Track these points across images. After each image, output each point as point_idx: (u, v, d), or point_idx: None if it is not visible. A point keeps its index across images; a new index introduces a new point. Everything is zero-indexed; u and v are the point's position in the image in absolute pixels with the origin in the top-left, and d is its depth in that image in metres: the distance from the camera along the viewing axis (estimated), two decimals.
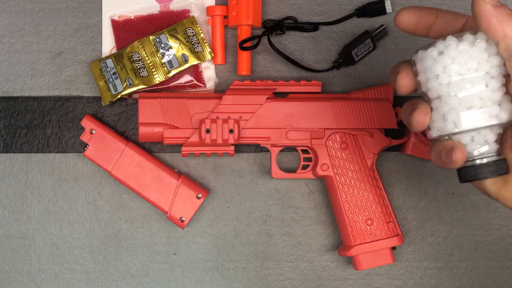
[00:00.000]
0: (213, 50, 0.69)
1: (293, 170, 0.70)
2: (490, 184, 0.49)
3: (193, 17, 0.68)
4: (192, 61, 0.67)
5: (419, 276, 0.70)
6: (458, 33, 0.48)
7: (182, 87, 0.69)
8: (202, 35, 0.68)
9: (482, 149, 0.48)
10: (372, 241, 0.65)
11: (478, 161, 0.48)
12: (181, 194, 0.67)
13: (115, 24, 0.69)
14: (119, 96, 0.67)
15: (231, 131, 0.65)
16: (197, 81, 0.68)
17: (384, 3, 0.69)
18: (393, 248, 0.66)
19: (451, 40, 0.47)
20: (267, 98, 0.66)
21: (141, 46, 0.67)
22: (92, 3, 0.70)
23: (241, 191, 0.69)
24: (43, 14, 0.70)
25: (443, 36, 0.48)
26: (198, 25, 0.68)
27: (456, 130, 0.47)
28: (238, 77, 0.70)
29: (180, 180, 0.67)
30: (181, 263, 0.69)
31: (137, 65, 0.67)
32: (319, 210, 0.69)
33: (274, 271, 0.69)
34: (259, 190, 0.69)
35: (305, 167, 0.69)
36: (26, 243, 0.69)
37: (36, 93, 0.69)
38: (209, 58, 0.68)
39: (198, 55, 0.67)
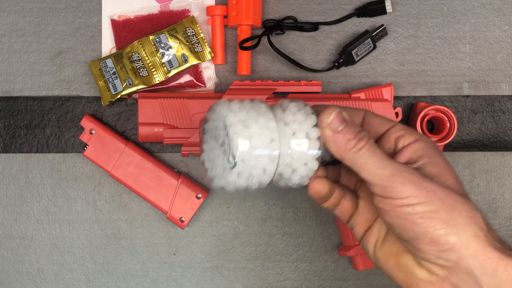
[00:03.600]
0: (213, 50, 0.69)
1: None
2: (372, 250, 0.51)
3: (193, 17, 0.68)
4: (192, 61, 0.67)
5: None
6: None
7: (182, 87, 0.68)
8: (202, 35, 0.68)
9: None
10: None
11: None
12: (181, 194, 0.67)
13: (115, 24, 0.69)
14: (118, 96, 0.67)
15: None
16: (197, 81, 0.68)
17: (384, 3, 0.69)
18: None
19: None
20: (267, 98, 0.66)
21: (140, 46, 0.67)
22: (91, 3, 0.70)
23: (241, 191, 0.69)
24: (42, 14, 0.70)
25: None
26: (198, 25, 0.68)
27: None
28: (238, 77, 0.70)
29: (180, 180, 0.67)
30: (181, 263, 0.69)
31: (136, 65, 0.67)
32: (319, 210, 0.69)
33: (274, 271, 0.69)
34: (259, 190, 0.69)
35: None
36: (26, 243, 0.69)
37: (36, 93, 0.69)
38: (209, 58, 0.68)
39: (198, 55, 0.67)
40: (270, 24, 0.69)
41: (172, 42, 0.67)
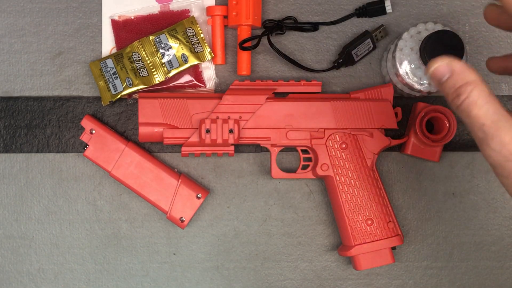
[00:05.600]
0: (213, 50, 0.69)
1: (293, 170, 0.70)
2: None
3: (193, 17, 0.68)
4: (192, 61, 0.67)
5: (419, 276, 0.70)
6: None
7: (182, 87, 0.69)
8: (202, 35, 0.68)
9: None
10: (372, 241, 0.65)
11: None
12: (181, 194, 0.67)
13: (115, 24, 0.69)
14: (119, 96, 0.67)
15: (231, 131, 0.65)
16: (197, 81, 0.68)
17: (384, 3, 0.69)
18: (393, 248, 0.66)
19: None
20: (267, 98, 0.66)
21: (141, 46, 0.67)
22: (92, 3, 0.70)
23: (241, 191, 0.69)
24: (43, 14, 0.70)
25: None
26: (198, 25, 0.68)
27: None
28: (238, 77, 0.70)
29: (180, 180, 0.67)
30: (181, 263, 0.69)
31: (137, 65, 0.67)
32: (319, 210, 0.69)
33: (274, 271, 0.69)
34: (259, 190, 0.69)
35: (305, 167, 0.69)
36: (26, 243, 0.69)
37: (36, 93, 0.69)
38: (209, 58, 0.68)
39: (198, 55, 0.67)
40: (270, 24, 0.69)
41: (172, 42, 0.67)
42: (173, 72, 0.67)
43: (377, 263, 0.65)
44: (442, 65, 0.47)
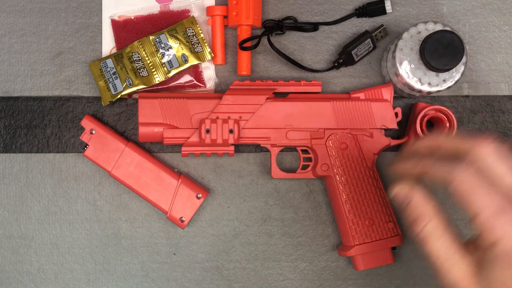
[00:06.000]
0: (213, 50, 0.69)
1: (293, 170, 0.70)
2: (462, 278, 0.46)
3: (193, 17, 0.68)
4: (192, 61, 0.67)
5: (419, 276, 0.70)
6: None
7: (182, 87, 0.69)
8: (202, 35, 0.68)
9: None
10: (372, 241, 0.65)
11: None
12: (181, 194, 0.67)
13: (115, 24, 0.69)
14: (119, 96, 0.67)
15: (231, 131, 0.65)
16: (197, 81, 0.68)
17: (384, 3, 0.69)
18: (393, 248, 0.66)
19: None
20: (267, 98, 0.66)
21: (141, 46, 0.67)
22: (92, 3, 0.70)
23: (241, 191, 0.69)
24: (43, 14, 0.70)
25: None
26: (198, 25, 0.68)
27: None
28: (238, 77, 0.70)
29: (180, 180, 0.67)
30: (181, 263, 0.69)
31: (137, 65, 0.67)
32: (319, 210, 0.69)
33: (274, 271, 0.69)
34: (259, 190, 0.69)
35: (305, 167, 0.69)
36: (26, 243, 0.69)
37: (36, 93, 0.69)
38: (209, 58, 0.68)
39: (198, 55, 0.68)
40: (270, 24, 0.69)
41: (172, 42, 0.67)
42: (173, 72, 0.67)
43: (377, 263, 0.65)
44: (402, 192, 0.48)
